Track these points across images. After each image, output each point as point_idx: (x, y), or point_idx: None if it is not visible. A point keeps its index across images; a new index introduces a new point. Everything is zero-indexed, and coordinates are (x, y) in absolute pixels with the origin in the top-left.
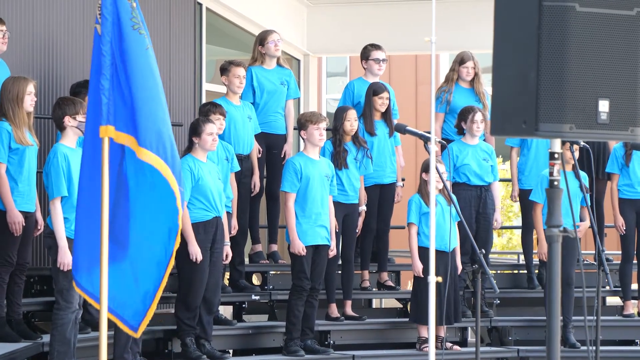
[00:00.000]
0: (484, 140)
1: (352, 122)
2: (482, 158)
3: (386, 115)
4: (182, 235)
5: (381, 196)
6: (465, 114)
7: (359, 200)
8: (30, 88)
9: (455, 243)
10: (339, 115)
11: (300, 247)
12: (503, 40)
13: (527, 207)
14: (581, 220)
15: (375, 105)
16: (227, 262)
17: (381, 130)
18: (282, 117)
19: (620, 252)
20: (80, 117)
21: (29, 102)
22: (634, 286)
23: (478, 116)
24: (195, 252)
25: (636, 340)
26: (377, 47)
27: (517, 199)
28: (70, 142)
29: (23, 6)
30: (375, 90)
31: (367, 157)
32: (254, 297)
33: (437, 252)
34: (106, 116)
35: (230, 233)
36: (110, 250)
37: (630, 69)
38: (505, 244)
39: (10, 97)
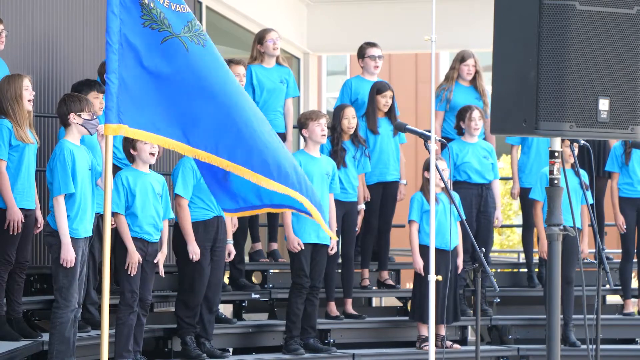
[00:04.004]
0: (484, 139)
1: (349, 119)
2: (482, 156)
3: (390, 114)
4: (181, 234)
5: (383, 194)
6: (463, 113)
7: (358, 198)
8: (26, 83)
9: (456, 242)
10: (336, 114)
11: (296, 242)
12: (503, 39)
13: (527, 206)
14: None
15: (379, 104)
16: (230, 259)
17: (384, 128)
18: (282, 115)
19: (620, 250)
20: (85, 115)
21: (28, 97)
22: (634, 285)
23: (475, 114)
24: (195, 251)
25: (636, 339)
26: (372, 44)
27: (517, 196)
28: (74, 139)
29: (23, 5)
30: (378, 89)
31: (365, 155)
32: (254, 295)
33: (438, 250)
34: (117, 114)
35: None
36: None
37: (631, 67)
38: (504, 241)
39: (9, 96)
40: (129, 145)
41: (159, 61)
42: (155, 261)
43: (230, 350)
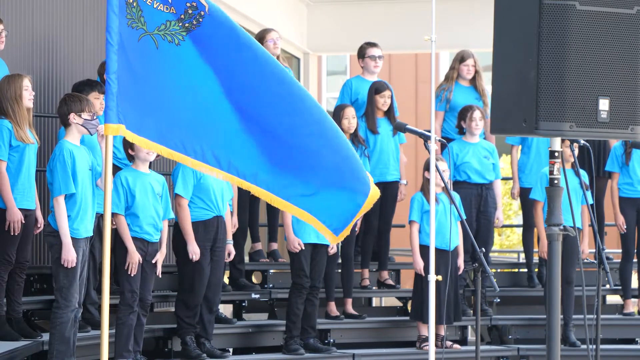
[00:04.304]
0: (484, 138)
1: (350, 119)
2: (483, 156)
3: (389, 114)
4: (181, 234)
5: (383, 194)
6: (464, 113)
7: None
8: (26, 83)
9: (456, 242)
10: (336, 114)
11: (296, 242)
12: (503, 39)
13: (527, 206)
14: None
15: (378, 104)
16: (230, 259)
17: (384, 128)
18: None
19: (620, 250)
20: (86, 115)
21: (28, 97)
22: (634, 285)
23: (476, 114)
24: (194, 251)
25: (636, 339)
26: (372, 44)
27: (517, 196)
28: (74, 139)
29: (23, 5)
30: (377, 88)
31: (364, 156)
32: (254, 295)
33: (438, 250)
34: (117, 114)
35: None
36: None
37: (631, 67)
38: (504, 241)
39: (9, 96)
40: (127, 145)
41: (138, 61)
42: (153, 261)
43: (230, 350)
